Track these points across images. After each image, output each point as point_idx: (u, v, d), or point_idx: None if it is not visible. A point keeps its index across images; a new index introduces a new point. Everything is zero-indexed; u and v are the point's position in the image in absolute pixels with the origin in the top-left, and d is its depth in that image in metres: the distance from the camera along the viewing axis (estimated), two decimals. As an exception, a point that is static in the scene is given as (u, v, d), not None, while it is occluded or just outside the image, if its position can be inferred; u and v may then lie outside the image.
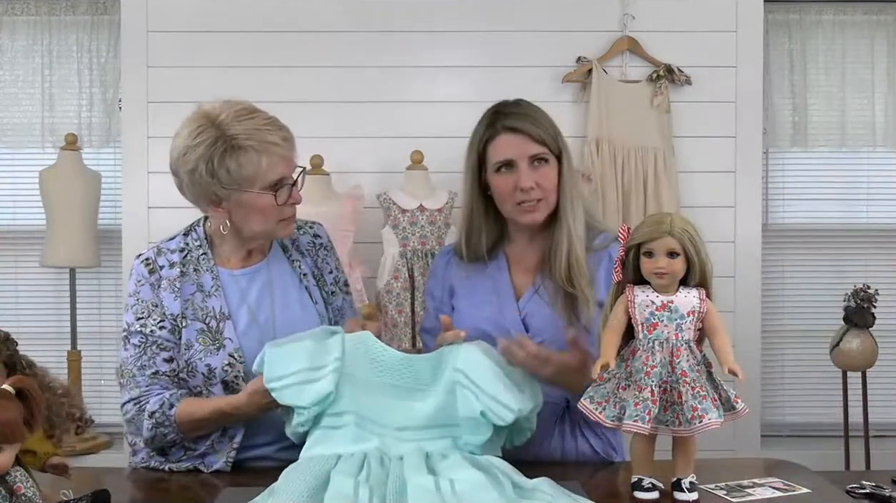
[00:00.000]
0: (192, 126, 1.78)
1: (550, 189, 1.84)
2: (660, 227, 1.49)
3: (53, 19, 3.28)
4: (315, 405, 1.63)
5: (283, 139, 1.78)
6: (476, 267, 1.94)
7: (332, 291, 1.97)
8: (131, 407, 1.79)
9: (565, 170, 1.85)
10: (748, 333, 3.14)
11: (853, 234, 3.40)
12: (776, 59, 3.30)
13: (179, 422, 1.74)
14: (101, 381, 3.29)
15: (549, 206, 1.85)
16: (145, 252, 1.90)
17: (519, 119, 1.84)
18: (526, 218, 1.85)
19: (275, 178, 1.78)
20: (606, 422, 1.49)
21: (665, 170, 3.07)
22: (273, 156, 1.76)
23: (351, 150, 3.07)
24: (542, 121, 1.86)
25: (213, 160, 1.75)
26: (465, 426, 1.63)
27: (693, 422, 1.45)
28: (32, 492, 1.29)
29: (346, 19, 3.11)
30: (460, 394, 1.64)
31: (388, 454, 1.58)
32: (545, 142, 1.83)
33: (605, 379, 1.51)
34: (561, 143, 1.86)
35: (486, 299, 1.89)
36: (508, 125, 1.84)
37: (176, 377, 1.81)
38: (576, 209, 1.84)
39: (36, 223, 3.25)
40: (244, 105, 1.81)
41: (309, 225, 2.02)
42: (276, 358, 1.66)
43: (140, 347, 1.81)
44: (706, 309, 1.50)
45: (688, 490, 1.50)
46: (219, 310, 1.82)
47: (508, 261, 1.93)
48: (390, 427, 1.64)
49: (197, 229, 1.91)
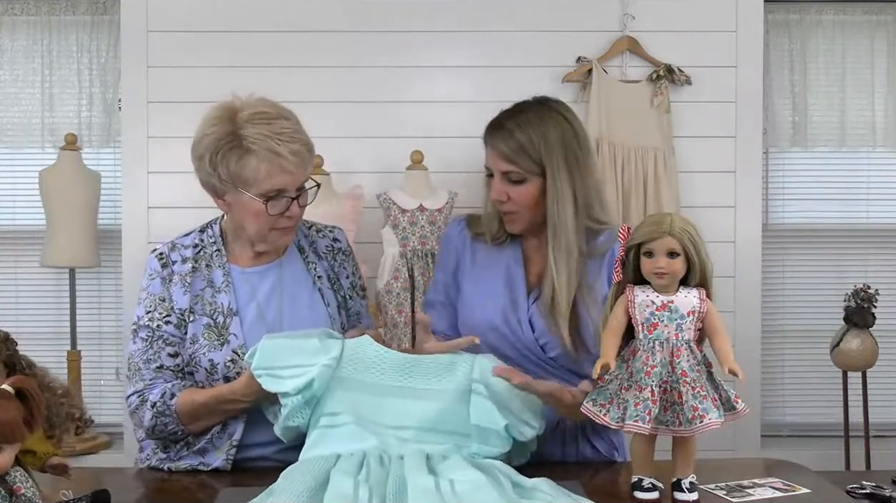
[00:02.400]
0: (213, 114, 1.80)
1: (524, 205, 1.83)
2: (660, 227, 1.49)
3: (53, 19, 3.28)
4: (298, 393, 1.64)
5: (291, 153, 1.76)
6: (489, 250, 1.93)
7: (350, 296, 1.98)
8: (135, 399, 1.81)
9: (549, 184, 1.81)
10: (748, 333, 3.14)
11: (853, 234, 3.40)
12: (776, 59, 3.30)
13: (180, 412, 1.76)
14: (101, 381, 3.29)
15: (524, 220, 1.85)
16: (160, 247, 1.92)
17: (498, 133, 1.84)
18: (506, 225, 1.88)
19: (271, 189, 1.77)
20: (612, 423, 1.49)
21: (665, 170, 3.07)
22: (274, 166, 1.75)
23: (351, 150, 3.07)
24: (524, 139, 1.81)
25: (217, 153, 1.77)
26: (477, 436, 1.63)
27: (693, 422, 1.45)
28: (32, 492, 1.29)
29: (346, 19, 3.11)
30: (478, 404, 1.64)
31: (388, 453, 1.58)
32: (516, 162, 1.81)
33: (608, 380, 1.51)
34: (546, 161, 1.80)
35: (499, 291, 1.88)
36: (487, 136, 1.86)
37: (180, 372, 1.83)
38: (565, 230, 1.80)
39: (36, 223, 3.24)
40: (269, 108, 1.80)
41: (329, 229, 2.04)
42: (269, 348, 1.68)
43: (147, 341, 1.83)
44: (706, 309, 1.50)
45: (688, 490, 1.50)
46: (227, 306, 1.83)
47: (524, 252, 1.92)
48: (390, 426, 1.64)
49: (213, 226, 1.94)
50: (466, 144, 1.91)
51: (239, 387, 1.74)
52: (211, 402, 1.76)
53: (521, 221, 1.85)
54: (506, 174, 1.82)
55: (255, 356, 1.68)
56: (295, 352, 1.68)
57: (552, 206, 1.81)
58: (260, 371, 1.66)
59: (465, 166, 2.86)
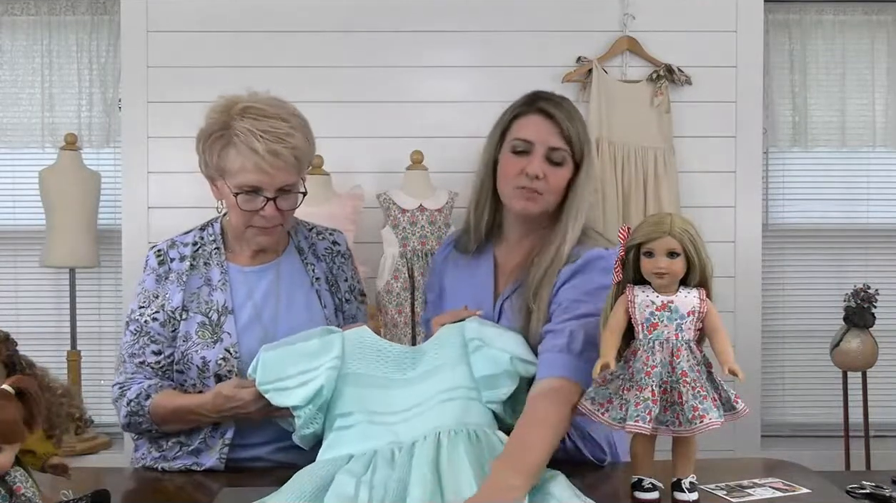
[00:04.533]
0: (216, 104, 1.82)
1: (556, 189, 1.78)
2: (660, 227, 1.49)
3: (53, 19, 3.28)
4: (309, 403, 1.64)
5: (270, 152, 1.74)
6: (466, 262, 1.92)
7: (347, 299, 1.98)
8: (116, 390, 1.84)
9: (581, 179, 1.80)
10: (748, 333, 3.14)
11: (853, 234, 3.41)
12: (776, 59, 3.31)
13: (153, 413, 1.78)
14: (101, 381, 3.29)
15: (546, 203, 1.80)
16: (160, 244, 1.93)
17: (556, 107, 1.80)
18: (520, 204, 1.79)
19: (243, 183, 1.77)
20: (611, 423, 1.49)
21: (665, 170, 3.07)
22: (248, 161, 1.75)
23: (351, 150, 3.07)
24: (577, 122, 1.81)
25: (207, 140, 1.80)
26: (485, 385, 1.66)
27: (693, 422, 1.44)
28: (32, 492, 1.29)
29: (347, 19, 3.11)
30: (478, 356, 1.67)
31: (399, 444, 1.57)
32: (570, 140, 1.78)
33: (608, 380, 1.51)
34: (586, 152, 1.80)
35: (469, 301, 1.85)
36: (544, 108, 1.79)
37: (162, 370, 1.83)
38: (577, 221, 1.79)
39: (36, 223, 3.25)
40: (269, 106, 1.80)
41: (329, 231, 2.04)
42: (270, 361, 1.68)
43: (135, 335, 1.85)
44: (706, 309, 1.50)
45: (688, 490, 1.50)
46: (222, 304, 1.84)
47: (496, 261, 1.90)
48: (400, 412, 1.64)
49: (214, 224, 1.94)
50: (466, 144, 1.91)
51: (205, 402, 1.75)
52: (180, 411, 1.78)
53: (544, 204, 1.79)
54: (553, 150, 1.77)
55: (258, 371, 1.67)
56: (297, 359, 1.68)
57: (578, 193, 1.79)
58: (266, 386, 1.66)
59: (465, 166, 2.84)
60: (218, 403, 1.74)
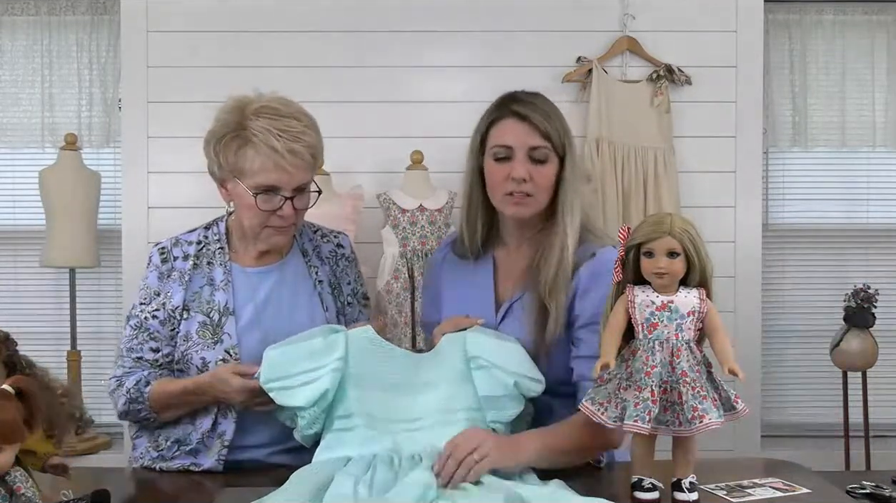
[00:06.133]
0: (227, 105, 1.82)
1: (543, 187, 1.78)
2: (660, 227, 1.49)
3: (53, 19, 3.28)
4: (313, 405, 1.64)
5: (289, 151, 1.75)
6: (465, 267, 1.91)
7: (349, 302, 1.98)
8: (114, 383, 1.86)
9: (567, 173, 1.80)
10: (748, 333, 3.14)
11: (853, 233, 3.40)
12: (776, 59, 3.30)
13: (151, 399, 1.79)
14: (101, 381, 3.26)
15: (538, 204, 1.80)
16: (163, 241, 1.94)
17: (529, 108, 1.79)
18: (511, 209, 1.80)
19: (263, 183, 1.77)
20: (610, 423, 1.49)
21: (665, 170, 3.07)
22: (268, 161, 1.75)
23: (351, 150, 3.06)
24: (553, 117, 1.80)
25: (221, 141, 1.79)
26: (489, 405, 1.65)
27: (693, 422, 1.45)
28: (32, 492, 1.29)
29: (347, 19, 3.11)
30: (481, 375, 1.66)
31: (399, 453, 1.58)
32: (549, 137, 1.78)
33: (606, 380, 1.51)
34: (567, 145, 1.80)
35: (468, 307, 1.85)
36: (516, 110, 1.79)
37: (159, 366, 1.84)
38: (574, 215, 1.78)
39: (36, 223, 3.24)
40: (282, 106, 1.80)
41: (334, 234, 2.04)
42: (275, 360, 1.68)
43: (135, 330, 1.86)
44: (706, 309, 1.50)
45: (688, 490, 1.50)
46: (223, 305, 1.84)
47: (496, 265, 1.89)
48: (402, 421, 1.64)
49: (219, 224, 1.94)
50: (466, 144, 1.90)
51: (203, 382, 1.76)
52: (179, 393, 1.79)
53: (535, 204, 1.79)
54: (534, 150, 1.77)
55: (262, 370, 1.68)
56: (301, 358, 1.68)
57: (568, 188, 1.79)
58: (270, 384, 1.66)
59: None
60: (213, 383, 1.74)
